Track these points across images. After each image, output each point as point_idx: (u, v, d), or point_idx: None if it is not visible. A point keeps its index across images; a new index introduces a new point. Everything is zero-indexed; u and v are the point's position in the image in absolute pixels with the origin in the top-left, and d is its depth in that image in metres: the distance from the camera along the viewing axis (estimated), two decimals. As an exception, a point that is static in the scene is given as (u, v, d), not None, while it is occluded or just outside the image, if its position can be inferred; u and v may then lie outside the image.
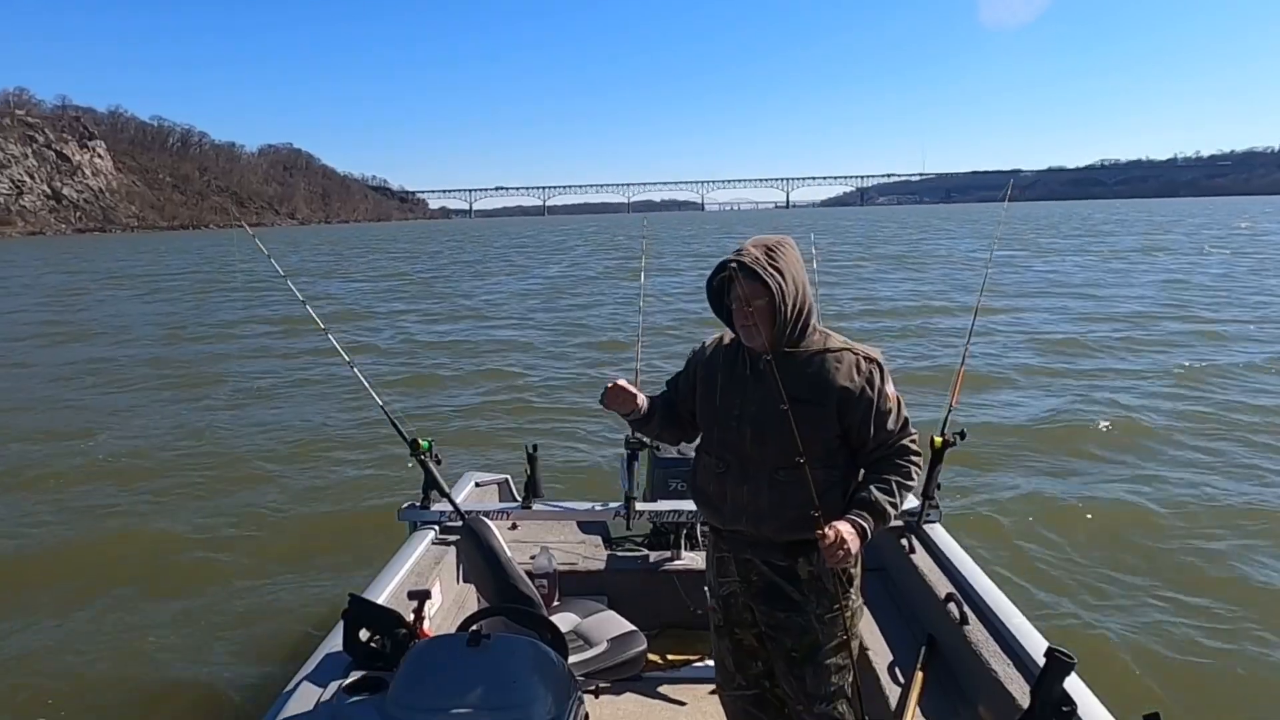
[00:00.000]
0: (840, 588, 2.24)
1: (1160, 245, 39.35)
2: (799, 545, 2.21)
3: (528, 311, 20.59)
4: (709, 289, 2.27)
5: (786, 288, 2.13)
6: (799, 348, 2.20)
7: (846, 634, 2.24)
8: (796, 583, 2.24)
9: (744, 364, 2.25)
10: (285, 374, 13.06)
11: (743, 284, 2.12)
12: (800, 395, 2.13)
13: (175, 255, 56.82)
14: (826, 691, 2.27)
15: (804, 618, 2.25)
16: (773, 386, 2.10)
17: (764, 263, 2.12)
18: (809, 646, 2.26)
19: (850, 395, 2.15)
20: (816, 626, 2.24)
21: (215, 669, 4.37)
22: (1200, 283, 22.09)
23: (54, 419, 10.13)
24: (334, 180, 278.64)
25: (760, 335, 2.14)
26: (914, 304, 19.41)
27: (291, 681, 2.34)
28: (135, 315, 21.47)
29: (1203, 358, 11.86)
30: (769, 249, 2.16)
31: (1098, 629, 4.50)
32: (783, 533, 2.20)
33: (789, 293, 2.14)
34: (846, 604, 2.24)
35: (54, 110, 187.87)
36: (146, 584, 5.42)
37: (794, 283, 2.15)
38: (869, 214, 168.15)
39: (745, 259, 2.13)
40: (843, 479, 2.22)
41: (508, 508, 3.80)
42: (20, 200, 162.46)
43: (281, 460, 8.17)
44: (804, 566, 2.23)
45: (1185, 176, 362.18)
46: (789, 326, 2.16)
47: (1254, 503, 6.24)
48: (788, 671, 2.31)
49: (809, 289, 2.20)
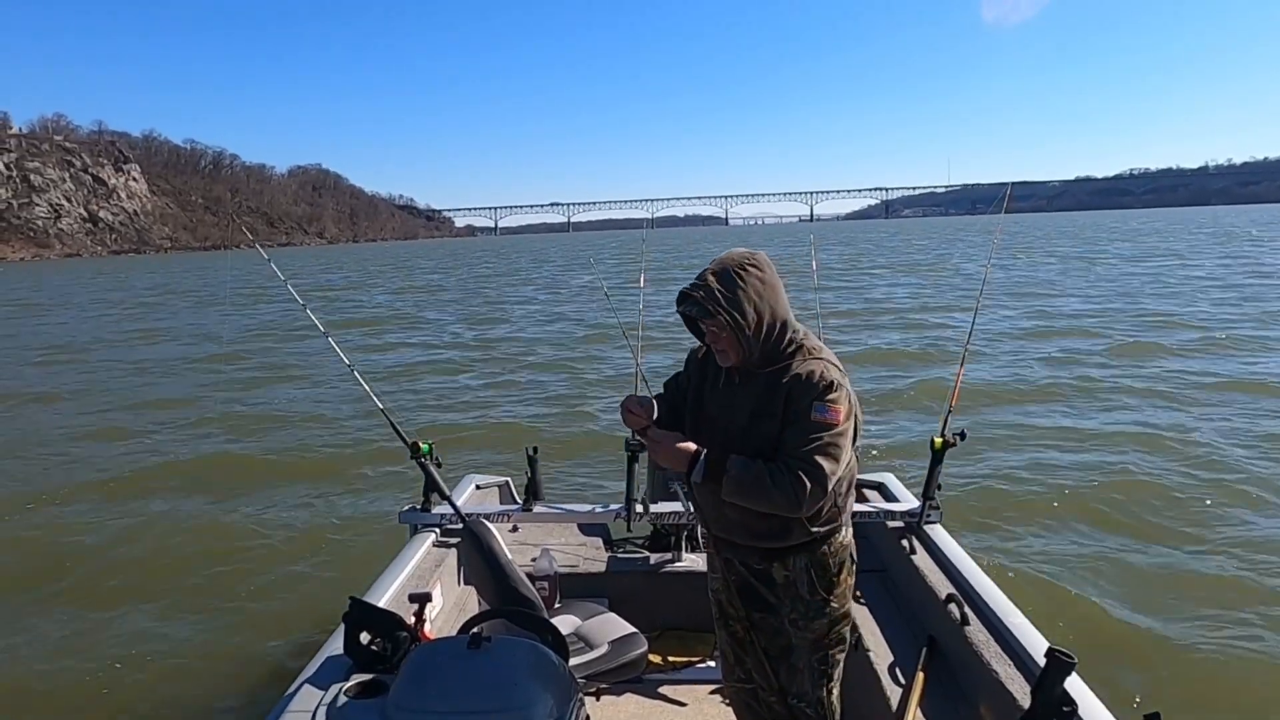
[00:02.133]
0: (818, 594, 2.23)
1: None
2: (776, 550, 2.22)
3: (531, 314, 20.74)
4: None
5: (746, 317, 2.08)
6: (775, 365, 2.15)
7: (826, 639, 2.25)
8: (771, 585, 2.26)
9: (717, 376, 2.27)
10: (285, 375, 13.25)
11: (700, 318, 2.12)
12: (762, 410, 2.13)
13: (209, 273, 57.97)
14: (799, 690, 2.30)
15: (777, 619, 2.27)
16: (740, 401, 2.15)
17: (719, 297, 2.07)
18: (781, 648, 2.29)
19: (791, 410, 2.10)
20: (789, 629, 2.26)
21: (216, 671, 4.39)
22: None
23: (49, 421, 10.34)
24: (361, 200, 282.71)
25: (730, 357, 2.15)
26: (912, 304, 19.36)
27: (292, 684, 2.35)
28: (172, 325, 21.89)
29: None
30: (732, 274, 2.10)
31: (1098, 629, 4.46)
32: (751, 540, 2.22)
33: (749, 321, 2.08)
34: (827, 611, 2.24)
35: (90, 135, 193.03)
36: (146, 586, 5.47)
37: (755, 310, 2.08)
38: (893, 226, 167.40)
39: (698, 294, 2.08)
40: None
41: (508, 510, 3.80)
42: (59, 223, 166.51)
43: (282, 463, 8.26)
44: (779, 571, 2.24)
45: (1217, 184, 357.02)
46: (754, 351, 2.12)
47: (1256, 502, 6.15)
48: (764, 664, 2.34)
49: (780, 308, 2.13)
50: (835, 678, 2.31)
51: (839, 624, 2.28)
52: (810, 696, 2.30)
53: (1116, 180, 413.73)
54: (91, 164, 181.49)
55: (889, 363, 12.52)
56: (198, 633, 4.84)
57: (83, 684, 4.35)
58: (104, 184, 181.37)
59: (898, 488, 3.78)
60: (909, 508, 3.49)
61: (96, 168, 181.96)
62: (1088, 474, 6.95)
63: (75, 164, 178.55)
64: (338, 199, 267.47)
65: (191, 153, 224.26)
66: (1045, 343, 13.83)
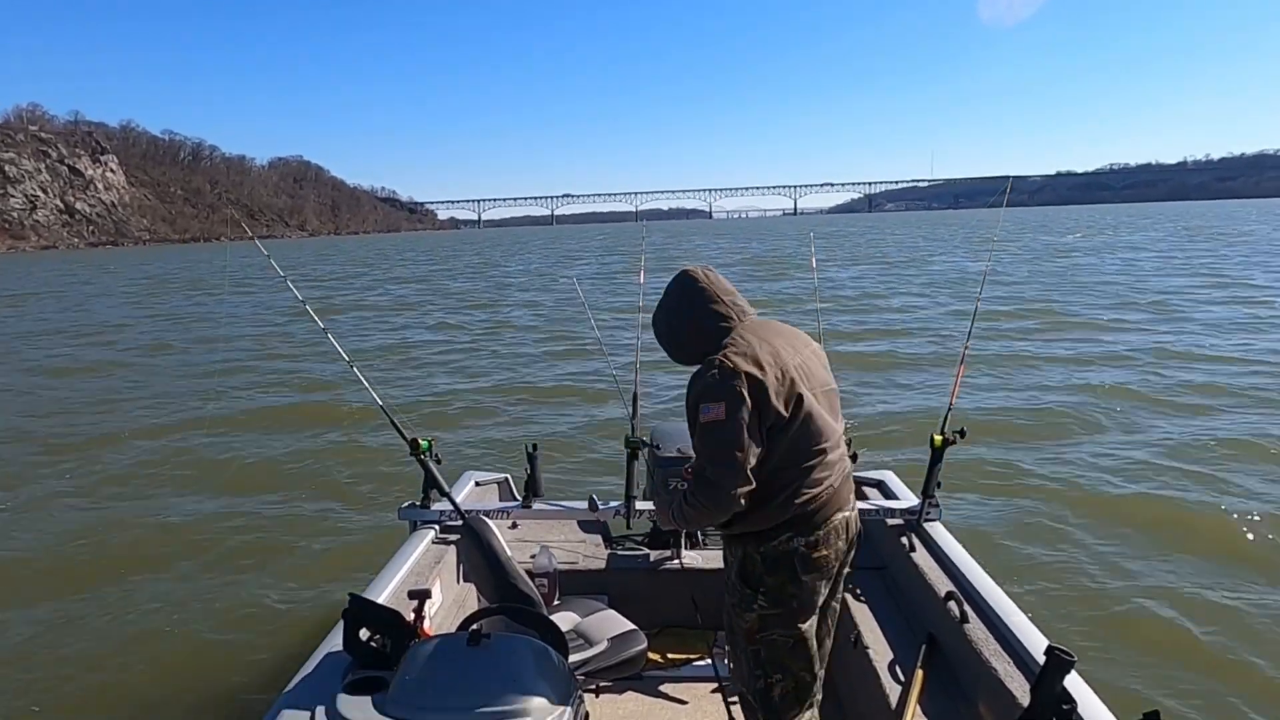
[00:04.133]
0: (745, 587, 2.28)
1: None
2: (727, 536, 2.35)
3: (528, 309, 20.66)
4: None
5: (658, 329, 2.44)
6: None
7: (759, 636, 2.28)
8: (728, 569, 2.38)
9: None
10: (285, 374, 13.15)
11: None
12: (689, 420, 2.26)
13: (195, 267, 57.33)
14: (739, 676, 2.40)
15: (726, 604, 2.39)
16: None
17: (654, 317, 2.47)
18: (730, 631, 2.40)
19: (690, 416, 2.23)
20: (729, 614, 2.37)
21: (215, 669, 4.37)
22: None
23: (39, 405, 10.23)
24: (343, 192, 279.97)
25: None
26: (916, 303, 19.43)
27: (291, 681, 2.34)
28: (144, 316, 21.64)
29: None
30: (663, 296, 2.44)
31: (1098, 627, 4.48)
32: (719, 525, 2.30)
33: (660, 332, 2.43)
34: (755, 607, 2.27)
35: (67, 125, 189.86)
36: (144, 583, 5.44)
37: (666, 324, 2.40)
38: (877, 220, 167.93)
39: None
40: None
41: (508, 507, 3.80)
42: (34, 215, 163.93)
43: (281, 459, 8.20)
44: (728, 556, 2.38)
45: (1195, 180, 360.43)
46: (679, 359, 2.40)
47: (1258, 503, 6.17)
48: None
49: (694, 319, 2.32)
50: (775, 676, 2.31)
51: (772, 625, 2.27)
52: (750, 686, 2.35)
53: (1096, 175, 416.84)
54: (68, 154, 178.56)
55: (889, 362, 12.56)
56: (196, 629, 4.81)
57: (81, 682, 4.32)
58: (81, 175, 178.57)
59: (897, 485, 3.80)
60: (908, 505, 3.50)
61: (73, 158, 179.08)
62: (1089, 473, 6.98)
63: (51, 154, 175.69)
64: (319, 191, 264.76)
65: (170, 144, 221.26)
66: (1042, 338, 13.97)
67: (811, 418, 2.19)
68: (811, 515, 2.21)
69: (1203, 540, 5.56)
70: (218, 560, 5.76)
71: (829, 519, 2.24)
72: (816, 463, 2.21)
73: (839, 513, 2.27)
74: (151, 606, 5.11)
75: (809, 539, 2.21)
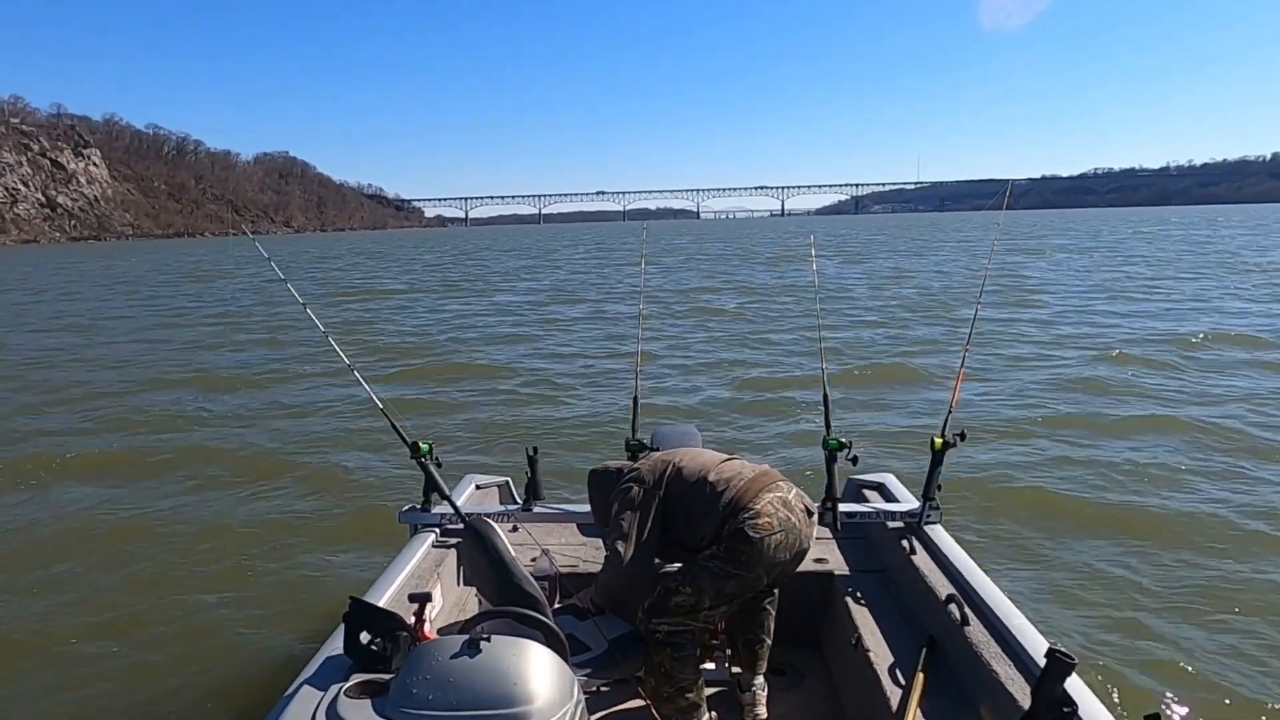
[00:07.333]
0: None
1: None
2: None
3: (526, 312, 20.60)
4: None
5: (595, 511, 3.09)
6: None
7: (695, 562, 2.76)
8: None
9: None
10: (285, 373, 13.06)
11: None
12: None
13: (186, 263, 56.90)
14: (667, 578, 2.84)
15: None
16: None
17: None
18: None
19: None
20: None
21: (215, 672, 4.33)
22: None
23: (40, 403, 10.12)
24: (330, 188, 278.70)
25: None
26: (918, 302, 19.53)
27: (292, 685, 2.33)
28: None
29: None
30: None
31: (1099, 629, 4.49)
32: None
33: (599, 516, 3.06)
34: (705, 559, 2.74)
35: (49, 118, 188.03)
36: (144, 585, 5.38)
37: (594, 510, 3.11)
38: (864, 222, 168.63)
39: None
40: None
41: (508, 510, 3.79)
42: (14, 208, 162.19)
43: (282, 462, 8.14)
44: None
45: (1178, 185, 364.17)
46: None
47: (1258, 503, 6.20)
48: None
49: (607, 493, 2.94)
50: (686, 590, 2.71)
51: (719, 557, 2.69)
52: (664, 584, 2.80)
53: (1081, 179, 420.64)
54: (50, 148, 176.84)
55: (889, 361, 12.60)
56: (196, 631, 4.76)
57: (80, 682, 4.27)
58: (63, 169, 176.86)
59: (898, 488, 3.81)
60: (909, 508, 3.51)
61: (55, 152, 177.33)
62: (1089, 472, 6.99)
63: (33, 147, 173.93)
64: (305, 187, 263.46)
65: (154, 138, 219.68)
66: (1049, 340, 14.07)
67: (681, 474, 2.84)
68: (740, 500, 2.67)
69: (1204, 542, 5.56)
70: (216, 562, 5.69)
71: (757, 496, 2.67)
72: (714, 482, 2.76)
73: (767, 492, 2.69)
74: (150, 610, 5.04)
75: (748, 513, 2.64)
